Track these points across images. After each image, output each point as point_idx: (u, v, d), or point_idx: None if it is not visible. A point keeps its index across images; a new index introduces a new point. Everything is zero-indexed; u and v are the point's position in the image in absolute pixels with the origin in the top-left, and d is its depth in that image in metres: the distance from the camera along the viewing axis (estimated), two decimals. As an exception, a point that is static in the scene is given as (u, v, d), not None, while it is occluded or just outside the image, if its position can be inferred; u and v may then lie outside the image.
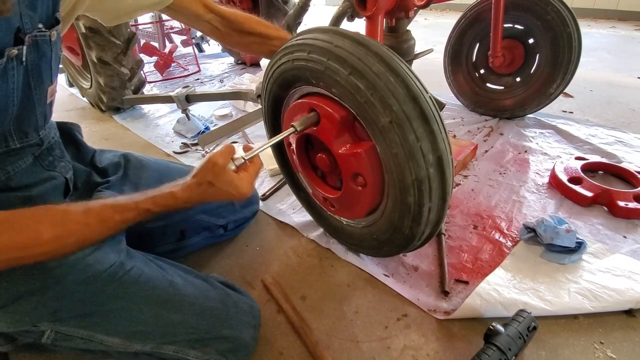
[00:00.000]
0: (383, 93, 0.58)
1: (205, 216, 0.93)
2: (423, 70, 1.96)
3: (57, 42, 0.58)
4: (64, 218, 0.51)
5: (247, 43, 0.86)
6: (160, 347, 0.61)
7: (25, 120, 0.57)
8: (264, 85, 0.85)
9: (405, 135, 0.59)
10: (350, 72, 0.60)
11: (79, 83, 2.16)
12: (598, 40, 3.00)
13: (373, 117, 0.61)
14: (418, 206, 0.66)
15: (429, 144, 0.60)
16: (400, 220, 0.71)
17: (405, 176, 0.63)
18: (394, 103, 0.58)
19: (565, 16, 1.37)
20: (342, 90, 0.63)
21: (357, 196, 0.76)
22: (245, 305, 0.72)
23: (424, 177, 0.62)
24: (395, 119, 0.59)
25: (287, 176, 1.03)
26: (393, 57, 0.61)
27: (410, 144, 0.59)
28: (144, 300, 0.61)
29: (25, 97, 0.55)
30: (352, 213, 0.83)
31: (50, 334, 0.56)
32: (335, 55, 0.61)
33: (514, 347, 0.67)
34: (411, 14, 1.00)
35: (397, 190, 0.66)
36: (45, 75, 0.58)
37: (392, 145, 0.61)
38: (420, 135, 0.59)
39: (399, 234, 0.74)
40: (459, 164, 1.30)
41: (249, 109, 1.88)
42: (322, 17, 4.47)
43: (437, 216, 0.69)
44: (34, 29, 0.51)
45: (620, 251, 0.93)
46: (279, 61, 0.74)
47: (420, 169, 0.61)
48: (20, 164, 0.59)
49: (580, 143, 1.45)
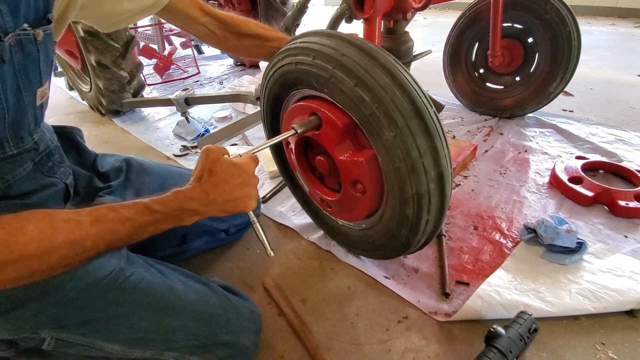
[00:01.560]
0: (388, 107, 0.58)
1: (207, 220, 0.93)
2: (422, 70, 1.95)
3: (46, 42, 0.56)
4: (52, 216, 0.47)
5: (245, 46, 0.85)
6: (161, 353, 0.61)
7: (19, 124, 0.56)
8: (263, 84, 0.84)
9: (408, 151, 0.59)
10: (356, 83, 0.60)
11: (79, 86, 2.16)
12: (598, 38, 2.99)
13: (377, 129, 0.61)
14: (416, 218, 0.66)
15: (431, 160, 0.61)
16: (397, 229, 0.71)
17: (406, 190, 0.63)
18: (399, 118, 0.58)
19: (565, 15, 1.36)
20: (346, 99, 0.63)
21: (355, 201, 0.76)
22: (246, 310, 0.72)
23: (424, 192, 0.62)
24: (399, 135, 0.59)
25: (285, 176, 1.03)
26: (400, 70, 0.60)
27: (413, 160, 0.60)
28: (144, 307, 0.61)
29: (16, 100, 0.53)
30: (349, 216, 0.83)
31: (50, 341, 0.56)
32: (342, 65, 0.61)
33: (515, 349, 0.67)
34: (409, 16, 1.00)
35: (397, 202, 0.67)
36: (33, 76, 0.55)
37: (395, 160, 0.61)
38: (423, 151, 0.60)
39: (396, 241, 0.74)
40: (459, 165, 1.29)
41: (248, 111, 1.88)
42: (321, 17, 4.47)
43: (434, 226, 0.70)
44: (16, 28, 0.49)
45: (621, 251, 0.92)
46: (280, 62, 0.73)
47: (421, 185, 0.62)
48: (20, 171, 0.59)
49: (580, 142, 1.45)
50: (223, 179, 0.57)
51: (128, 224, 0.52)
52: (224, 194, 0.57)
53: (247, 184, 0.59)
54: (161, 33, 2.80)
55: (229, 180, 0.57)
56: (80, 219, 0.49)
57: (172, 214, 0.55)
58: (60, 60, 2.22)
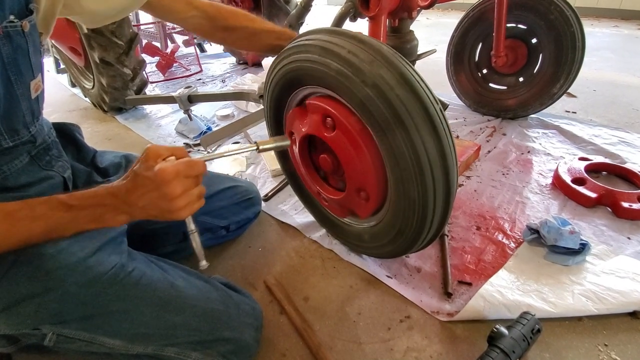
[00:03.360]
0: (397, 106, 0.58)
1: (207, 217, 0.93)
2: (425, 70, 1.93)
3: (33, 33, 0.55)
4: None
5: (233, 39, 0.84)
6: (162, 349, 0.61)
7: (12, 116, 0.56)
8: (267, 82, 0.83)
9: (415, 150, 0.60)
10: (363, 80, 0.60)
11: (82, 83, 2.16)
12: (601, 40, 2.99)
13: (384, 128, 0.61)
14: (421, 217, 0.67)
15: (438, 160, 0.61)
16: (401, 227, 0.72)
17: (412, 189, 0.64)
18: (407, 117, 0.59)
19: (569, 16, 1.36)
20: (354, 99, 0.63)
21: (359, 199, 0.76)
22: (247, 306, 0.72)
23: (430, 191, 0.63)
24: (407, 134, 0.59)
25: (287, 174, 1.03)
26: (409, 70, 0.60)
27: (419, 159, 0.60)
28: (146, 302, 0.61)
29: (7, 92, 0.54)
30: (353, 214, 0.83)
31: (52, 337, 0.56)
32: (350, 63, 0.61)
33: (518, 349, 0.66)
34: (414, 14, 0.99)
35: (402, 201, 0.68)
36: (24, 68, 0.55)
37: (401, 159, 0.62)
38: (430, 151, 0.60)
39: (400, 239, 0.75)
40: (462, 165, 1.29)
41: (251, 109, 1.88)
42: (324, 17, 4.47)
43: (439, 225, 0.70)
44: (3, 20, 0.50)
45: (624, 253, 0.92)
46: (286, 59, 0.73)
47: (427, 184, 0.62)
48: (17, 163, 0.59)
49: (583, 143, 1.45)
50: (140, 183, 0.53)
51: (41, 221, 0.50)
52: (142, 198, 0.53)
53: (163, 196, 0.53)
54: (164, 31, 2.80)
55: (146, 186, 0.53)
56: None
57: (91, 210, 0.53)
58: (63, 57, 2.22)
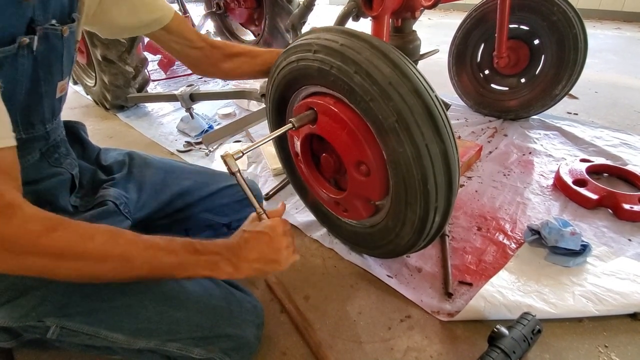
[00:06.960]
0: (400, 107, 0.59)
1: (209, 215, 0.93)
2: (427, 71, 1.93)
3: (70, 39, 0.61)
4: (117, 233, 0.52)
5: (238, 65, 0.88)
6: (164, 344, 0.61)
7: (32, 111, 0.60)
8: (270, 81, 0.83)
9: (418, 150, 0.60)
10: (365, 78, 0.60)
11: (84, 81, 2.16)
12: (603, 42, 2.99)
13: (387, 129, 0.61)
14: (423, 217, 0.67)
15: (440, 159, 0.62)
16: (403, 228, 0.72)
17: (414, 189, 0.65)
18: (410, 118, 0.59)
19: (572, 17, 1.36)
20: (370, 112, 0.63)
21: (360, 199, 0.76)
22: (249, 304, 0.72)
23: (432, 191, 0.63)
24: (409, 134, 0.59)
25: (289, 173, 1.03)
26: (412, 70, 0.61)
27: (422, 159, 0.60)
28: (149, 297, 0.61)
29: (32, 87, 0.57)
30: (354, 214, 0.83)
31: (55, 330, 0.56)
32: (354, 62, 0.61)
33: (519, 350, 0.67)
34: (417, 14, 1.00)
35: (403, 201, 0.68)
36: (55, 69, 0.60)
37: (404, 159, 0.62)
38: (433, 151, 0.60)
39: (401, 239, 0.75)
40: (464, 165, 1.29)
41: (252, 108, 1.88)
42: (325, 16, 4.46)
43: (439, 225, 0.70)
44: (46, 22, 0.55)
45: (625, 254, 0.92)
46: (289, 58, 0.73)
47: (429, 184, 0.63)
48: (29, 158, 0.62)
49: (585, 145, 1.45)
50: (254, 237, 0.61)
51: (173, 255, 0.55)
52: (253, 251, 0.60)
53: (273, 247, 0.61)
54: (166, 29, 2.80)
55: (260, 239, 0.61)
56: (137, 240, 0.53)
57: (210, 257, 0.58)
58: (66, 54, 2.22)
